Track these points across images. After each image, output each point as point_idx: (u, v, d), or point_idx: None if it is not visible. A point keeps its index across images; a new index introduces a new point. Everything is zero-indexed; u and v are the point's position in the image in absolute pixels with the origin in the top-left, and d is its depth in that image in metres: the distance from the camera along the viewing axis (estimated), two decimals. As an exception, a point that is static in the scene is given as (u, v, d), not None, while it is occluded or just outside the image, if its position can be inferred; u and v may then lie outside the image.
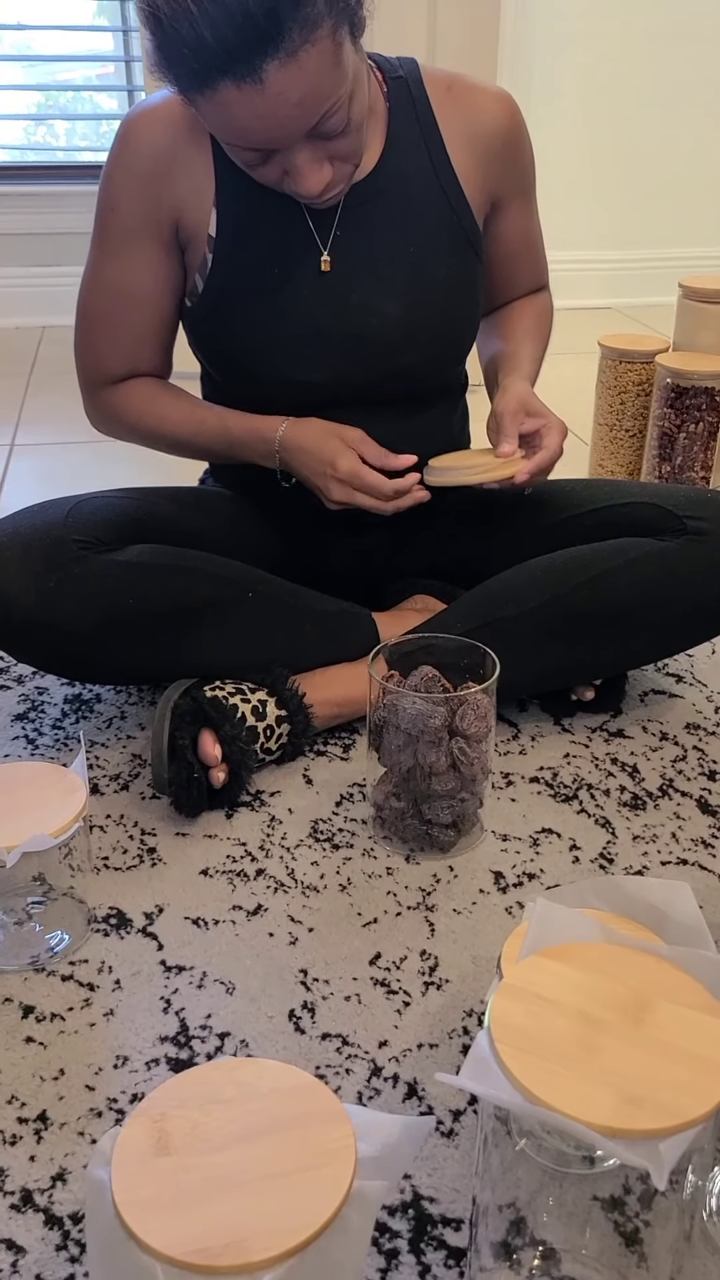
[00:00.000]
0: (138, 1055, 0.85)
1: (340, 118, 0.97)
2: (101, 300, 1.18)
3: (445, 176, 1.15)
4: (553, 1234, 0.68)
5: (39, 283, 2.83)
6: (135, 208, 1.12)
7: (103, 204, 1.14)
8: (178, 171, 1.10)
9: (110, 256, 1.15)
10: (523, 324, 1.31)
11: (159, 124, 1.10)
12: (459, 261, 1.17)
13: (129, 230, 1.13)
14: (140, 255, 1.14)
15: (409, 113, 1.14)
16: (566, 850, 1.07)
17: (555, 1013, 0.58)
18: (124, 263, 1.15)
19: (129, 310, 1.17)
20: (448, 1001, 0.90)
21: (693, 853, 1.06)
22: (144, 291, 1.16)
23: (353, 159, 1.03)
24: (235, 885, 1.02)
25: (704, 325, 1.87)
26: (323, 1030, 0.87)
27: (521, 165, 1.21)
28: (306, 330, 1.13)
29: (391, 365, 1.16)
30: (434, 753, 1.01)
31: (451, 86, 1.16)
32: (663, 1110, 0.53)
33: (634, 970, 0.61)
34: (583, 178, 2.94)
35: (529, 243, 1.29)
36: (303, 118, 0.94)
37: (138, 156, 1.11)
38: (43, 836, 0.87)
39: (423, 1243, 0.72)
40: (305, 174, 1.00)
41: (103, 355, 1.20)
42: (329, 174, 1.01)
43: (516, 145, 1.19)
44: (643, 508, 1.19)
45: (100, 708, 1.28)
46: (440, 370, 1.21)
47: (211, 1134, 0.56)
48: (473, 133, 1.15)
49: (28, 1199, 0.75)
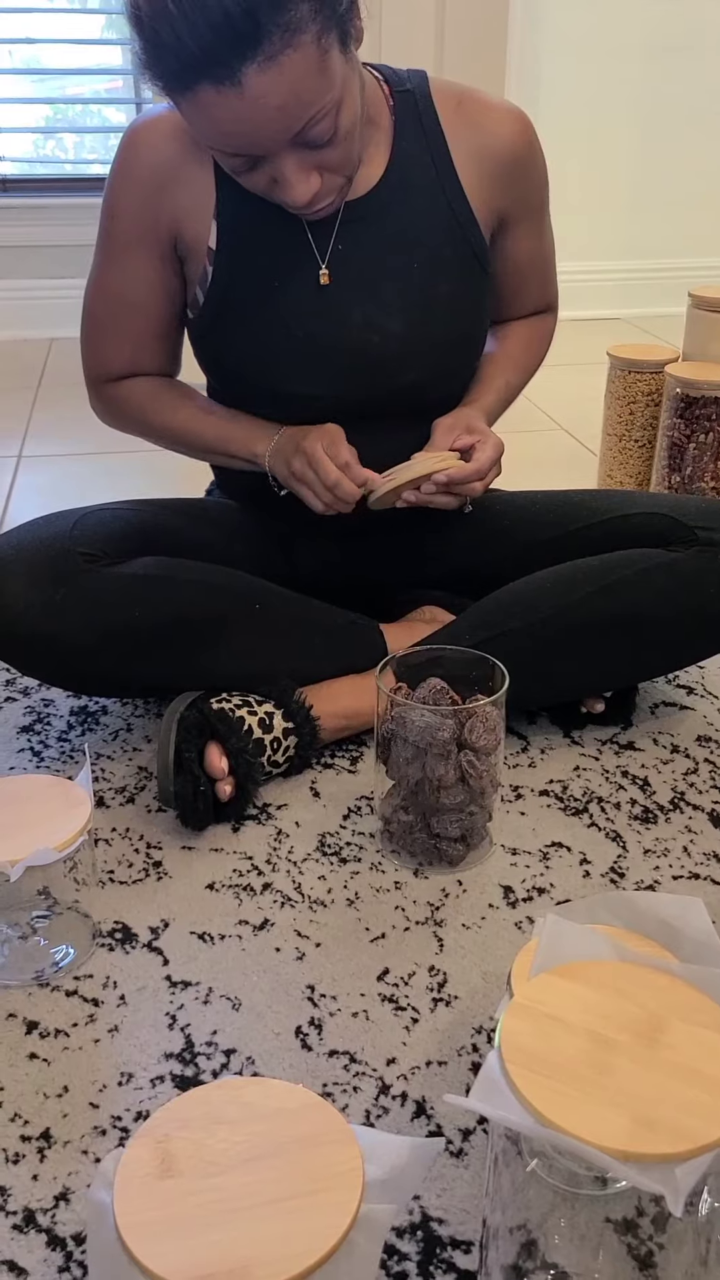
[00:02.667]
0: (142, 1072, 0.84)
1: (326, 126, 0.96)
2: (102, 304, 1.18)
3: (452, 192, 1.13)
4: (564, 1257, 0.67)
5: (47, 295, 2.83)
6: (134, 218, 1.12)
7: (105, 211, 1.15)
8: (178, 184, 1.10)
9: (110, 263, 1.16)
10: (508, 351, 1.28)
11: (161, 135, 1.10)
12: (464, 279, 1.16)
13: (128, 239, 1.13)
14: (138, 264, 1.14)
15: (415, 127, 1.13)
16: (577, 864, 1.06)
17: (566, 1033, 0.57)
18: (123, 270, 1.15)
19: (128, 316, 1.17)
20: (457, 1018, 0.89)
21: (705, 867, 1.05)
22: (141, 300, 1.16)
23: (343, 170, 1.02)
24: (242, 899, 1.01)
25: (714, 335, 1.86)
26: (330, 1047, 0.86)
27: (532, 184, 1.18)
28: (307, 345, 1.12)
29: (393, 382, 1.15)
30: (442, 766, 1.00)
31: (462, 102, 1.14)
32: (677, 1133, 0.52)
33: (647, 989, 0.60)
34: (592, 188, 2.93)
35: (538, 262, 1.26)
36: (284, 123, 0.93)
37: (139, 167, 1.11)
38: (47, 850, 0.86)
39: (432, 1265, 0.71)
40: (292, 183, 0.99)
41: (104, 355, 1.20)
42: (317, 184, 1.00)
43: (527, 164, 1.16)
44: (653, 518, 1.18)
45: (106, 720, 1.28)
46: (444, 386, 1.20)
47: (216, 1156, 0.55)
48: (481, 149, 1.13)
49: (30, 1219, 0.74)
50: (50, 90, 2.90)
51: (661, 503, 1.20)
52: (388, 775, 1.04)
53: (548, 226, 1.25)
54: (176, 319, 1.19)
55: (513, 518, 1.28)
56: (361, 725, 1.20)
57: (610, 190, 2.97)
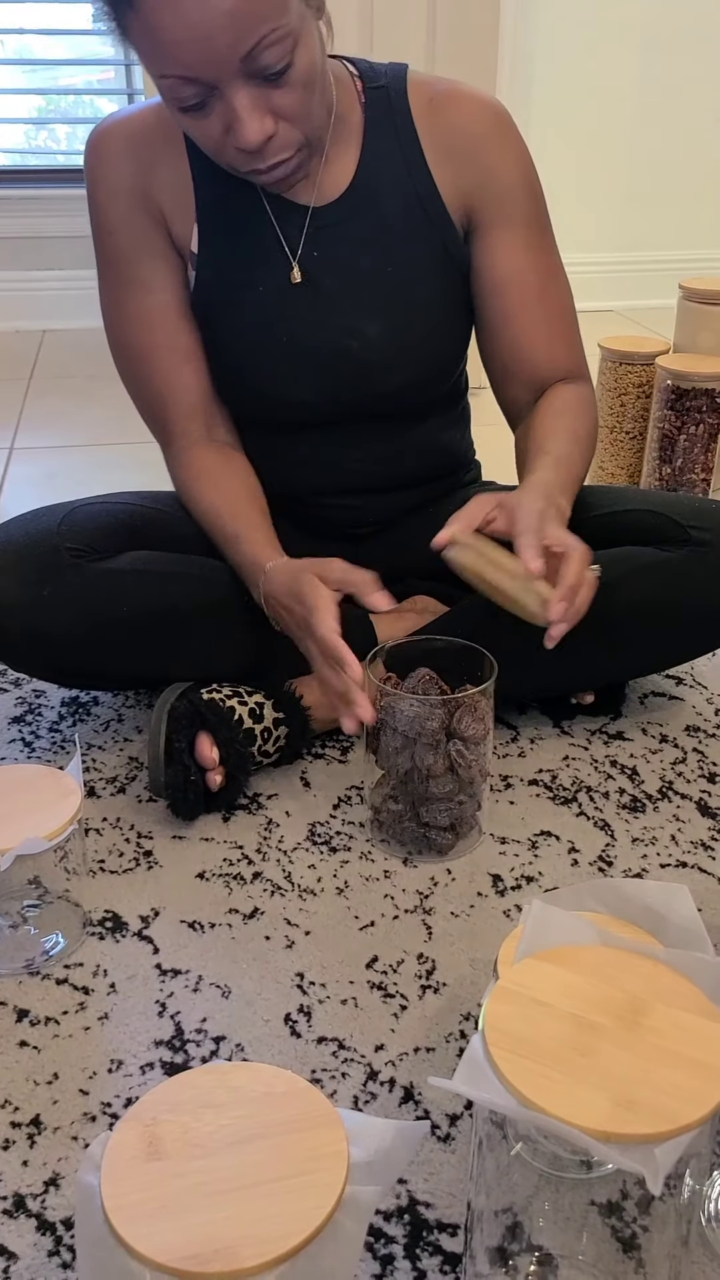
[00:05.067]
0: (132, 1059, 0.84)
1: (280, 52, 0.92)
2: (136, 334, 1.15)
3: (424, 191, 1.10)
4: (549, 1239, 0.67)
5: (40, 286, 2.83)
6: (132, 223, 1.10)
7: (98, 231, 1.12)
8: (158, 182, 1.09)
9: (126, 285, 1.13)
10: (541, 420, 1.13)
11: (129, 136, 1.08)
12: (442, 281, 1.13)
13: (137, 245, 1.12)
14: (154, 270, 1.12)
15: (387, 125, 1.10)
16: (565, 853, 1.06)
17: (550, 1016, 0.58)
18: (142, 285, 1.13)
19: (168, 335, 1.14)
20: (445, 1005, 0.89)
21: (692, 855, 1.06)
22: (176, 303, 1.13)
23: (299, 122, 0.98)
24: (232, 888, 1.01)
25: (704, 327, 1.87)
26: (319, 1034, 0.87)
27: (501, 178, 1.11)
28: (290, 350, 1.12)
29: (377, 387, 1.14)
30: (431, 755, 1.00)
31: (434, 98, 1.10)
32: (658, 1114, 0.52)
33: (630, 973, 0.61)
34: (583, 180, 2.93)
35: (531, 290, 1.14)
36: (232, 34, 0.89)
37: (116, 172, 1.09)
38: (37, 840, 0.86)
39: (418, 1248, 0.71)
40: (243, 118, 0.93)
41: (165, 395, 1.16)
42: (271, 126, 0.95)
43: (494, 151, 1.10)
44: (646, 516, 1.17)
45: (97, 710, 1.28)
46: (430, 390, 1.19)
47: (203, 1139, 0.55)
48: (449, 144, 1.10)
49: (20, 1204, 0.74)
50: (42, 81, 2.90)
51: (654, 500, 1.20)
52: (377, 765, 1.05)
53: (546, 253, 1.15)
54: None
55: None
56: None
57: (601, 182, 2.97)
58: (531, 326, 1.15)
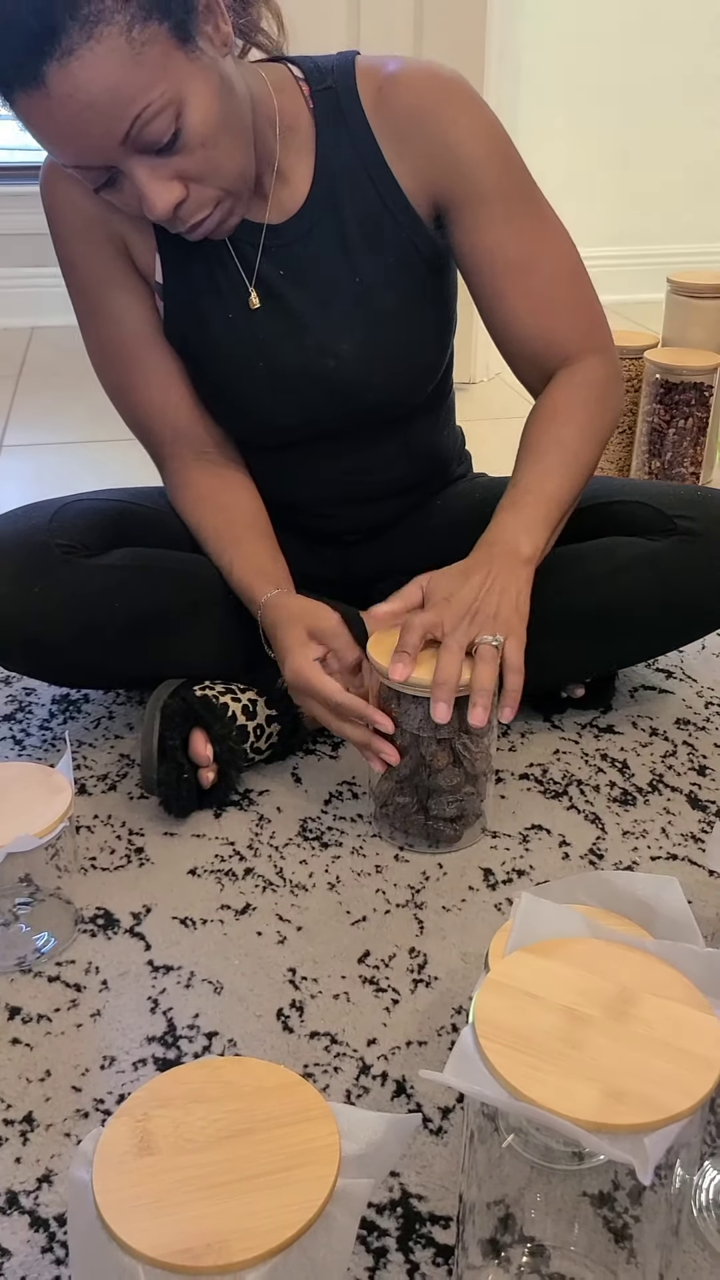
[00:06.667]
0: (125, 1056, 0.85)
1: (161, 127, 0.89)
2: (115, 359, 1.14)
3: (385, 188, 1.05)
4: (541, 1230, 0.68)
5: (28, 283, 2.82)
6: (94, 255, 1.09)
7: (64, 268, 1.11)
8: (117, 213, 1.06)
9: (96, 316, 1.12)
10: (543, 434, 1.08)
11: (70, 179, 1.06)
12: (413, 284, 1.08)
13: (100, 278, 1.10)
14: (123, 299, 1.11)
15: (339, 126, 1.05)
16: (556, 846, 1.06)
17: (540, 1008, 0.58)
18: (111, 316, 1.12)
19: (144, 354, 1.13)
20: (437, 999, 0.90)
21: (682, 848, 1.06)
22: (144, 327, 1.12)
23: (213, 179, 0.95)
24: (223, 884, 1.01)
25: (693, 321, 1.87)
26: (311, 1029, 0.87)
27: (466, 152, 1.03)
28: (267, 375, 1.10)
29: (358, 403, 1.12)
30: (439, 749, 1.00)
31: (383, 85, 1.03)
32: (647, 1105, 0.53)
33: (619, 965, 0.61)
34: (571, 175, 2.93)
35: (527, 265, 1.07)
36: (104, 124, 0.87)
37: (71, 208, 1.07)
38: (28, 837, 0.86)
39: (411, 1241, 0.72)
40: (146, 191, 0.92)
41: (151, 415, 1.15)
42: (179, 192, 0.93)
43: (450, 125, 1.02)
44: (634, 507, 1.17)
45: (88, 708, 1.28)
46: (414, 397, 1.16)
47: (194, 1134, 0.55)
48: (402, 125, 1.03)
49: (13, 1201, 0.74)
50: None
51: (642, 491, 1.20)
52: None
53: (531, 220, 1.07)
54: None
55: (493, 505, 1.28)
56: None
57: (590, 176, 2.97)
58: (521, 303, 1.08)
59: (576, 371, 1.11)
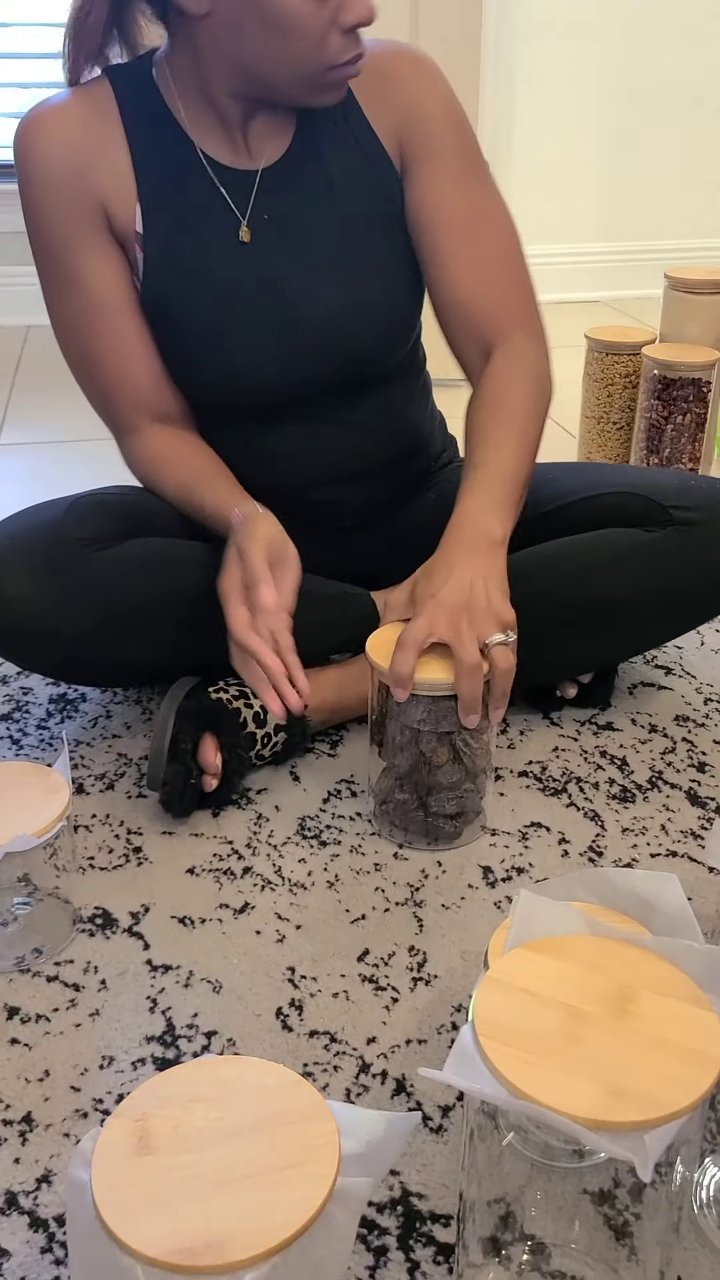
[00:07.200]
0: (124, 1055, 0.84)
1: None
2: (77, 330, 1.13)
3: (362, 134, 1.10)
4: (542, 1228, 0.68)
5: (23, 282, 2.80)
6: (66, 217, 1.08)
7: (33, 229, 1.09)
8: (94, 169, 1.06)
9: (64, 284, 1.11)
10: (489, 417, 1.10)
11: (59, 125, 1.06)
12: (390, 232, 1.12)
13: (69, 239, 1.09)
14: (92, 263, 1.09)
15: None
16: (555, 844, 1.06)
17: (539, 1005, 0.58)
18: (80, 279, 1.10)
19: (110, 324, 1.11)
20: (436, 997, 0.90)
21: (682, 844, 1.06)
22: (112, 296, 1.10)
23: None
24: (222, 883, 1.01)
25: (690, 316, 1.87)
26: (310, 1028, 0.87)
27: (427, 111, 1.10)
28: (249, 322, 1.10)
29: (338, 353, 1.12)
30: (439, 746, 1.00)
31: (361, 50, 1.05)
32: (647, 1102, 0.53)
33: (619, 962, 0.61)
34: (568, 170, 2.93)
35: (471, 230, 1.11)
36: None
37: (49, 164, 1.06)
38: (26, 837, 0.86)
39: (412, 1239, 0.72)
40: None
41: (111, 388, 1.14)
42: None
43: (416, 86, 1.10)
44: (628, 498, 1.17)
45: (85, 707, 1.28)
46: (391, 351, 1.17)
47: (193, 1133, 0.55)
48: (375, 81, 1.09)
49: (12, 1202, 0.74)
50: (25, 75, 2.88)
51: (635, 481, 1.20)
52: (381, 756, 1.05)
53: (478, 186, 1.12)
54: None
55: None
56: (345, 717, 1.21)
57: (587, 172, 2.97)
58: (463, 262, 1.11)
59: (514, 354, 1.13)
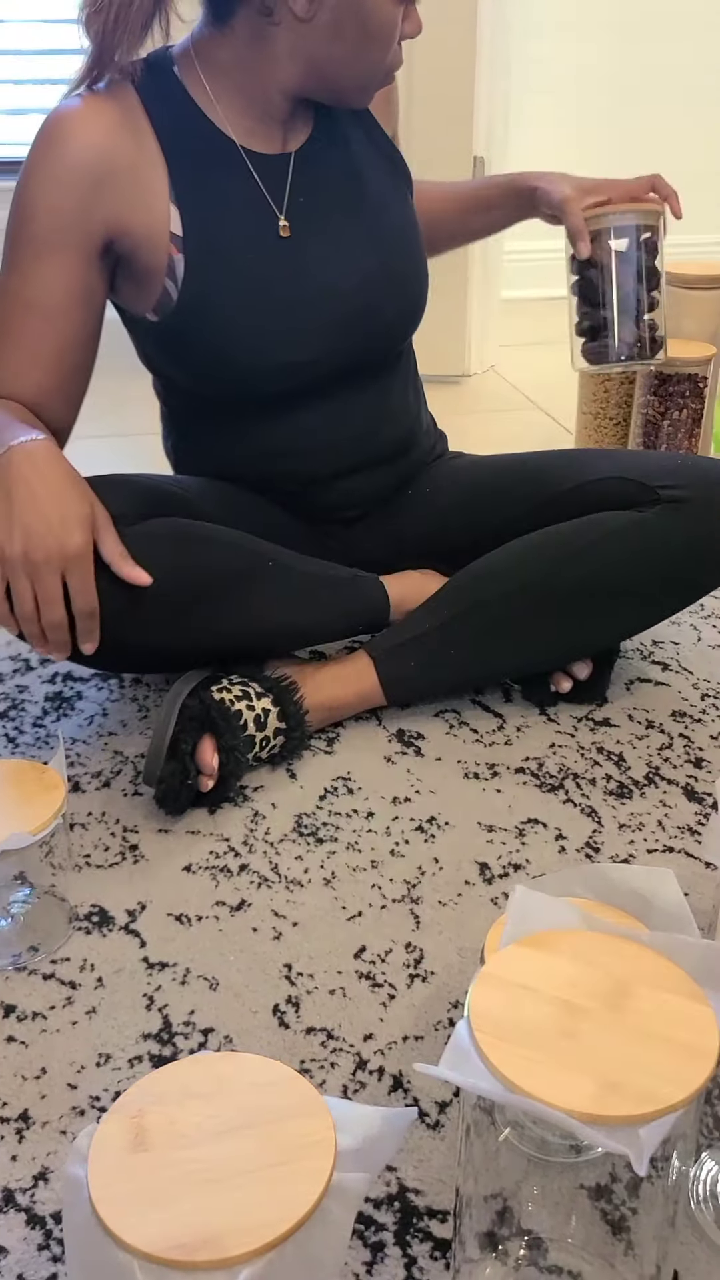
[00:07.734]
0: (120, 1053, 0.84)
1: None
2: (6, 314, 1.09)
3: (369, 124, 1.19)
4: (539, 1223, 0.68)
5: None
6: (58, 219, 1.05)
7: (19, 211, 1.06)
8: (119, 176, 1.05)
9: (21, 270, 1.08)
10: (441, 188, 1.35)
11: (92, 126, 1.03)
12: (404, 202, 1.20)
13: (48, 242, 1.06)
14: (56, 270, 1.07)
15: None
16: (552, 840, 1.06)
17: (535, 1000, 0.58)
18: (38, 277, 1.07)
19: (35, 327, 1.09)
20: (433, 993, 0.89)
21: (679, 840, 1.06)
22: (54, 308, 1.08)
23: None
24: (218, 881, 1.01)
25: (687, 312, 1.86)
26: (307, 1024, 0.86)
27: (391, 97, 1.25)
28: (285, 303, 1.11)
29: (374, 325, 1.16)
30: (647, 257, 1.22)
31: None
32: (643, 1096, 0.53)
33: (614, 957, 0.61)
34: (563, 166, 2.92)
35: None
36: None
37: (68, 163, 1.03)
38: (22, 835, 0.86)
39: (409, 1235, 0.72)
40: (417, 11, 1.10)
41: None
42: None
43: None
44: (618, 483, 1.19)
45: (81, 705, 1.27)
46: (410, 324, 1.22)
47: (189, 1129, 0.55)
48: None
49: (9, 1199, 0.74)
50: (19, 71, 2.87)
51: (621, 465, 1.21)
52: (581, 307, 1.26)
53: None
54: (90, 338, 1.11)
55: (482, 489, 1.29)
56: (343, 715, 1.21)
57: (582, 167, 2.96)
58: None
59: None
